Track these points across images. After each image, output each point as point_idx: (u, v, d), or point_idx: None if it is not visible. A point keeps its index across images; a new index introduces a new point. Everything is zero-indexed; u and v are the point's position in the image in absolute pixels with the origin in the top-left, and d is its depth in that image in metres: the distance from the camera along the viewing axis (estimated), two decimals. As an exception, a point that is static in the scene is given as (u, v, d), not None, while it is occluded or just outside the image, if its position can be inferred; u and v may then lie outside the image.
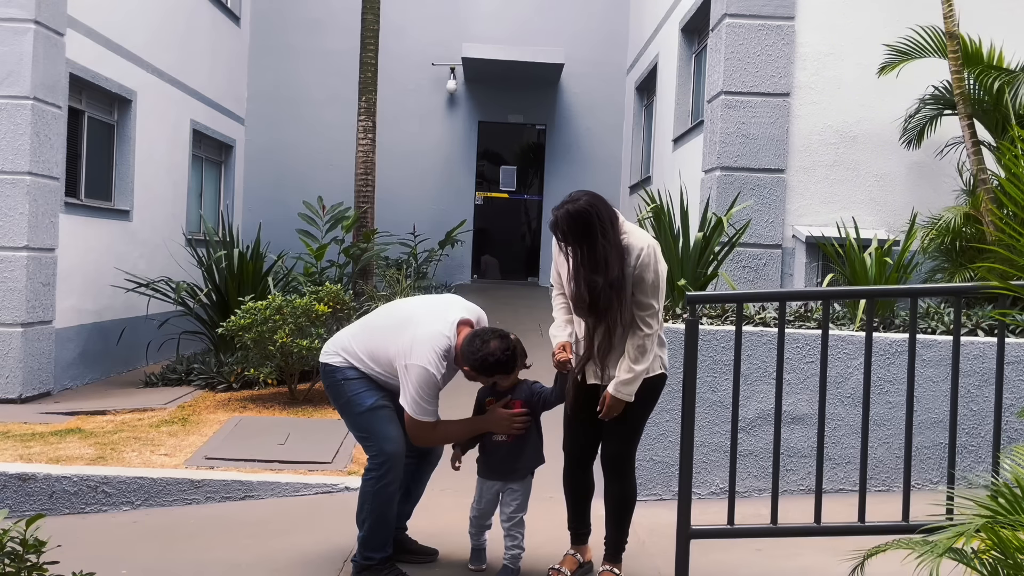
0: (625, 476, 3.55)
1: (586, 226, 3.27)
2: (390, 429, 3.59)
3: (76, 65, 7.94)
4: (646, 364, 3.35)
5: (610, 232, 3.30)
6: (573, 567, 3.67)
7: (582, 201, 3.31)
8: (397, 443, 3.58)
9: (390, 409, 3.63)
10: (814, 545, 3.79)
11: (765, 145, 7.40)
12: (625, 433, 3.51)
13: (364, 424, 3.63)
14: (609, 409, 3.38)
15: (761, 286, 7.31)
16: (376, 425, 3.60)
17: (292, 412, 6.61)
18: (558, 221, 3.31)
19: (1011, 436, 4.67)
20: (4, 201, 7.12)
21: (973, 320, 5.17)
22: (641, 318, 3.34)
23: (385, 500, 3.57)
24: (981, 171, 6.08)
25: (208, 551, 4.23)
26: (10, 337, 7.10)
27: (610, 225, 3.32)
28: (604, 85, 13.49)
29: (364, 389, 3.62)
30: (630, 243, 3.36)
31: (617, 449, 3.53)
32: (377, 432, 3.59)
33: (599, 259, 3.27)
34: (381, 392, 3.64)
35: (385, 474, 3.56)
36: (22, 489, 4.92)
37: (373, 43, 9.70)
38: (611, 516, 3.59)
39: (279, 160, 13.19)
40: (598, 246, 3.27)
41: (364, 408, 3.60)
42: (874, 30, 7.29)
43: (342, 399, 3.66)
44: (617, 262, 3.28)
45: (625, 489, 3.56)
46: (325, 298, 7.07)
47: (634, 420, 3.50)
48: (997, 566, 2.08)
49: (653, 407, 3.60)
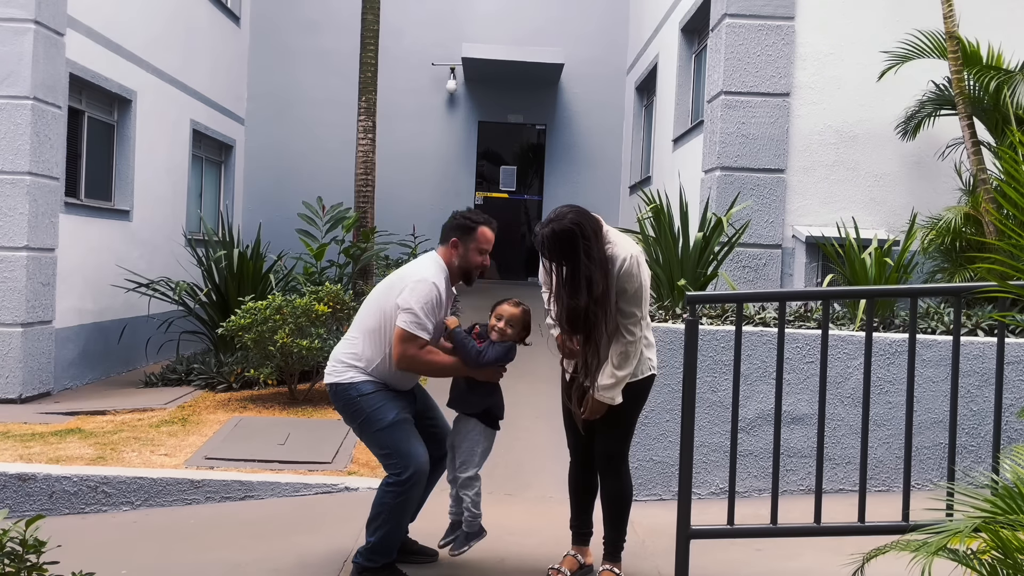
0: (618, 474, 3.57)
1: (571, 245, 3.29)
2: (414, 446, 3.58)
3: (76, 65, 7.94)
4: (629, 370, 3.40)
5: (594, 249, 3.31)
6: (573, 567, 3.67)
7: (567, 219, 3.31)
8: (422, 460, 3.57)
9: (411, 422, 3.65)
10: (814, 545, 3.79)
11: (765, 145, 7.40)
12: (616, 432, 3.54)
13: (387, 441, 3.59)
14: (591, 411, 3.43)
15: (761, 286, 7.31)
16: (400, 443, 3.57)
17: (292, 412, 6.61)
18: (544, 240, 3.34)
19: (1011, 436, 4.67)
20: (4, 201, 7.12)
21: (973, 320, 5.17)
22: (624, 326, 3.38)
23: (403, 512, 3.60)
24: (981, 171, 6.08)
25: (208, 551, 4.23)
26: (10, 337, 7.10)
27: (594, 240, 3.32)
28: (604, 85, 13.49)
29: (383, 403, 3.59)
30: (614, 253, 3.38)
31: (609, 448, 3.55)
32: (402, 450, 3.57)
33: (580, 280, 3.29)
34: (399, 403, 3.64)
35: (408, 490, 3.55)
36: (22, 489, 4.92)
37: (373, 43, 9.70)
38: (607, 515, 3.60)
39: (279, 160, 13.20)
40: (580, 266, 3.29)
41: (386, 424, 3.57)
42: (874, 30, 7.29)
43: (360, 417, 3.61)
44: (601, 279, 3.31)
45: (619, 487, 3.57)
46: (325, 298, 7.07)
47: (623, 420, 3.53)
48: (997, 566, 2.08)
49: (642, 407, 3.63)
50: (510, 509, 4.68)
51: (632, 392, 3.46)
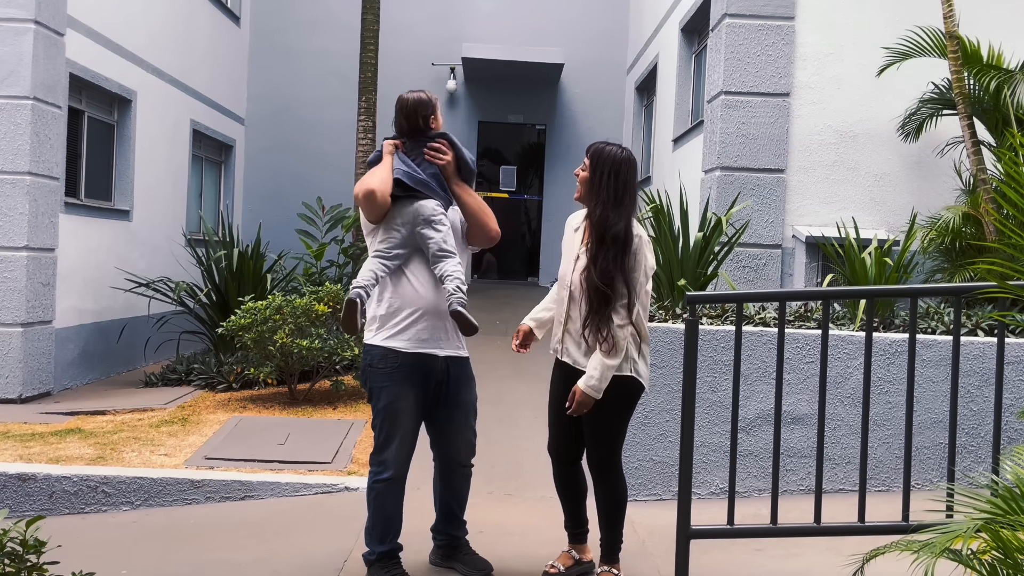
0: (611, 478, 3.54)
1: (629, 166, 3.43)
2: (394, 448, 3.50)
3: (76, 65, 7.94)
4: (617, 360, 3.34)
5: (634, 191, 3.46)
6: (568, 563, 3.68)
7: (628, 151, 3.49)
8: (395, 467, 3.51)
9: (407, 413, 3.51)
10: (814, 545, 3.79)
11: (765, 145, 7.40)
12: (605, 439, 3.51)
13: (376, 423, 3.55)
14: (578, 405, 3.37)
15: (761, 286, 7.31)
16: (381, 435, 3.52)
17: (292, 412, 6.61)
18: (604, 151, 3.44)
19: (1011, 436, 4.67)
20: (4, 201, 7.12)
21: (973, 320, 5.17)
22: (615, 306, 3.34)
23: (377, 494, 3.52)
24: (981, 171, 6.08)
25: (208, 551, 4.23)
26: (10, 337, 7.10)
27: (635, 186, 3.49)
28: (604, 85, 13.49)
29: (384, 384, 3.48)
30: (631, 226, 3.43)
31: (599, 453, 3.52)
32: (380, 444, 3.52)
33: (625, 197, 3.38)
34: (403, 386, 3.48)
35: (381, 494, 3.51)
36: (22, 489, 4.92)
37: (373, 43, 9.70)
38: (603, 517, 3.60)
39: (279, 160, 13.20)
40: (631, 187, 3.41)
41: (378, 406, 3.51)
42: (874, 30, 7.29)
43: (367, 387, 3.57)
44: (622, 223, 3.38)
45: (612, 490, 3.55)
46: (325, 298, 7.07)
47: (611, 426, 3.50)
48: (997, 566, 2.08)
49: (630, 414, 3.58)
50: (510, 509, 4.68)
51: (616, 397, 3.41)
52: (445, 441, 3.69)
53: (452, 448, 3.69)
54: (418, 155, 3.57)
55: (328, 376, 7.25)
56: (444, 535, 3.80)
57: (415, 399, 3.53)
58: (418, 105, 3.57)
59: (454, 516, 3.78)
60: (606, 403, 3.39)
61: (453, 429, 3.67)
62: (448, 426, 3.66)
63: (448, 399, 3.61)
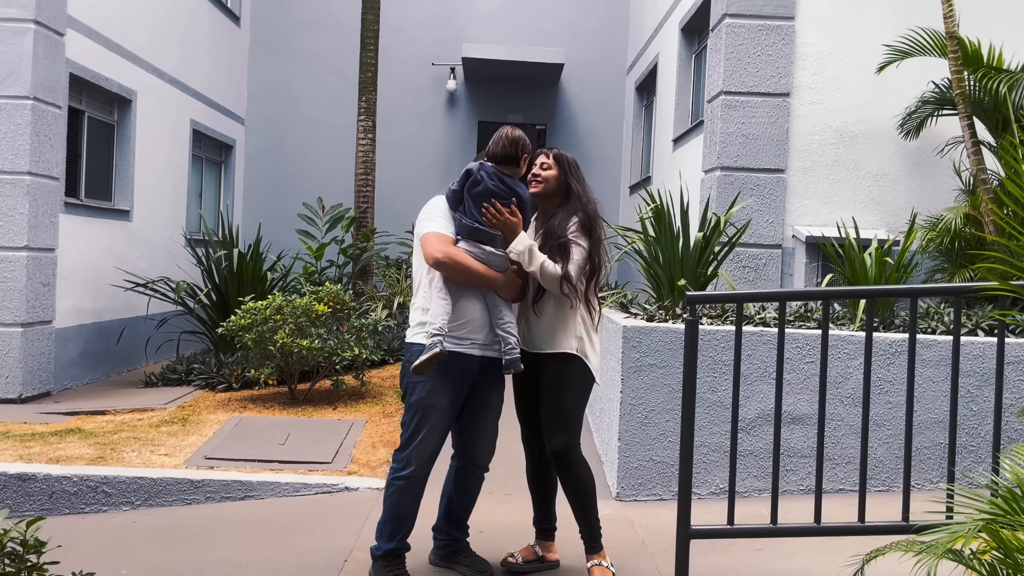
0: (572, 468, 3.53)
1: (570, 163, 3.69)
2: (421, 446, 3.49)
3: (76, 65, 7.94)
4: (554, 272, 3.42)
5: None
6: (529, 556, 3.73)
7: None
8: (420, 465, 3.51)
9: (440, 411, 3.49)
10: (814, 545, 3.79)
11: (765, 145, 7.40)
12: (560, 427, 3.51)
13: (406, 419, 3.53)
14: (501, 223, 3.47)
15: (761, 286, 7.31)
16: (409, 431, 3.51)
17: (292, 412, 6.61)
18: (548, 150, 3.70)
19: (1011, 436, 4.67)
20: (4, 201, 7.12)
21: (973, 320, 5.17)
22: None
23: (395, 490, 3.53)
24: (981, 171, 6.08)
25: (208, 551, 4.23)
26: (10, 337, 7.10)
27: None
28: (604, 85, 13.49)
29: (421, 379, 3.47)
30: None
31: (556, 445, 3.52)
32: (407, 441, 3.51)
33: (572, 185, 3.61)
34: (438, 385, 3.47)
35: (401, 489, 3.51)
36: (22, 489, 4.92)
37: (373, 43, 9.70)
38: (573, 508, 3.60)
39: (279, 160, 13.20)
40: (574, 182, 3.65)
41: (411, 401, 3.50)
42: (874, 30, 7.29)
43: (403, 383, 3.57)
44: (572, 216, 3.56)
45: (576, 480, 3.54)
46: (325, 298, 7.07)
47: (565, 412, 3.51)
48: (997, 566, 2.08)
49: (584, 402, 3.59)
50: (510, 509, 4.68)
51: (563, 375, 3.49)
52: (470, 441, 3.69)
53: (475, 449, 3.70)
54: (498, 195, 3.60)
55: (328, 376, 7.26)
56: (446, 536, 3.81)
57: (449, 399, 3.51)
58: (520, 140, 3.64)
59: (458, 519, 3.79)
60: (554, 382, 3.50)
61: (480, 430, 3.68)
62: (475, 427, 3.67)
63: (478, 399, 3.62)
